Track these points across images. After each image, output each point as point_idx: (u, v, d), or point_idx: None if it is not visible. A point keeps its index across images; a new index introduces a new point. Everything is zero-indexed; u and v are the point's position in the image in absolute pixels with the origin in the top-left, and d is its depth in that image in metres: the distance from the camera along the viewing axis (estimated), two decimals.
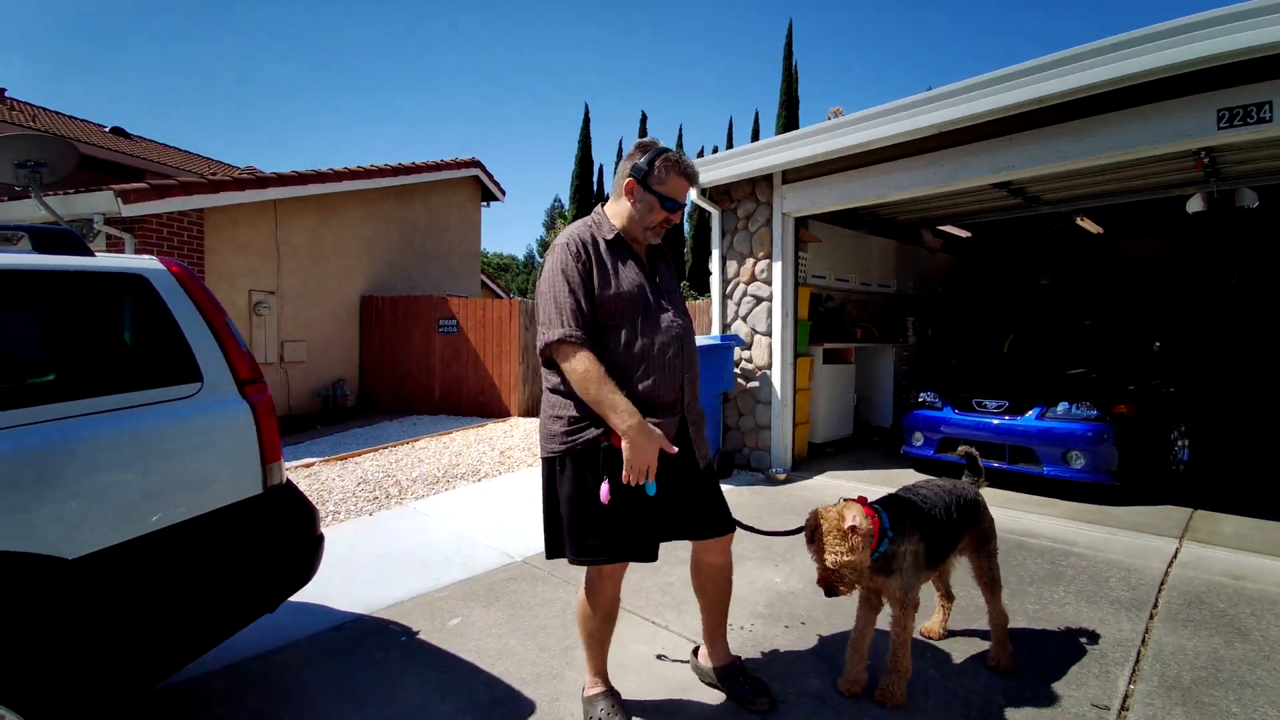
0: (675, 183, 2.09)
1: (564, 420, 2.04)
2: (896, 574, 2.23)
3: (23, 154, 6.41)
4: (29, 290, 1.82)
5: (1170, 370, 5.93)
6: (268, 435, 2.14)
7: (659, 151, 2.08)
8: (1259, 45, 3.29)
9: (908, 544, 2.24)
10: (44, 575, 1.64)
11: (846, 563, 2.05)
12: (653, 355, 2.04)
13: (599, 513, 1.98)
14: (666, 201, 2.08)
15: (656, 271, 2.21)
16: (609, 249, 2.08)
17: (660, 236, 2.16)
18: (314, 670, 2.62)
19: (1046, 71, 3.89)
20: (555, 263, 2.03)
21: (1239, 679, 2.46)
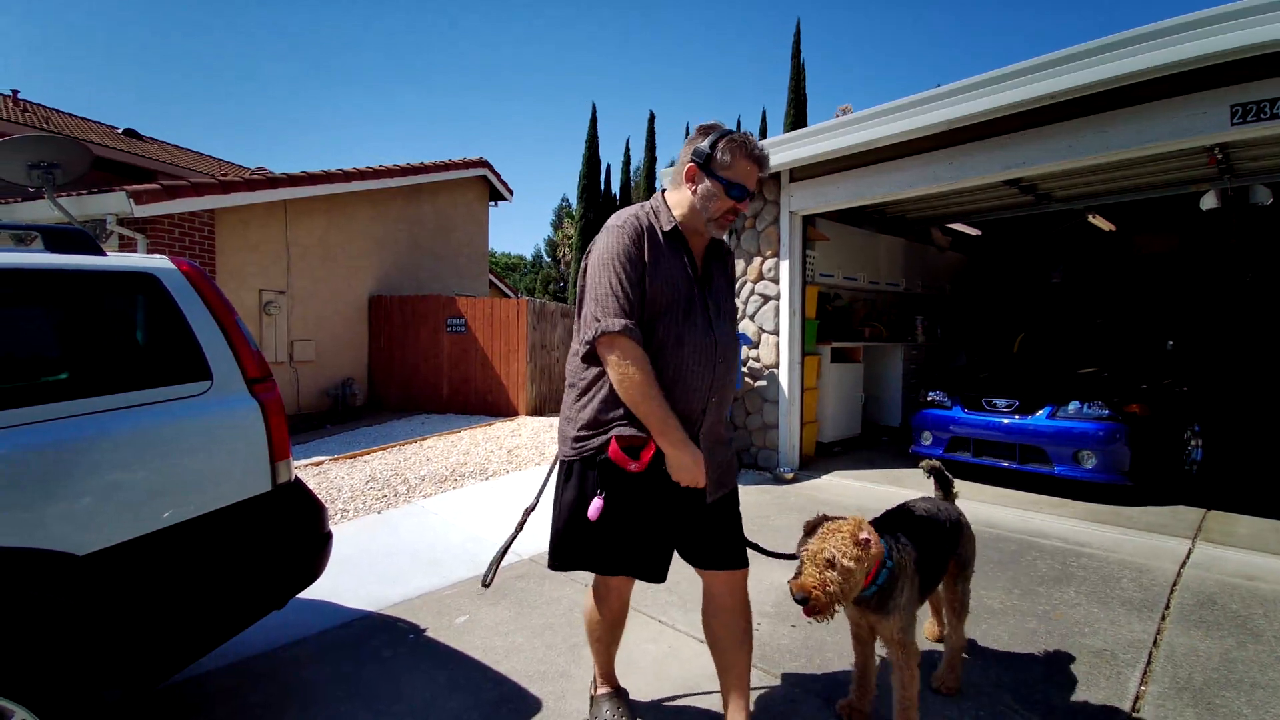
0: (742, 167, 1.86)
1: (577, 425, 1.91)
2: (895, 613, 1.96)
3: (36, 155, 6.49)
4: (43, 289, 1.84)
5: (1183, 369, 5.87)
6: (276, 433, 2.16)
7: (723, 133, 1.87)
8: (1273, 40, 3.25)
9: (904, 577, 2.00)
10: (55, 571, 1.66)
11: (846, 570, 1.75)
12: (678, 365, 1.85)
13: (588, 526, 1.85)
14: (732, 188, 1.85)
15: (710, 275, 2.00)
16: (665, 240, 1.89)
17: (725, 229, 1.94)
18: (321, 667, 2.64)
19: (1059, 67, 3.86)
20: (611, 246, 1.82)
21: (1251, 680, 2.43)
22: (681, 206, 1.92)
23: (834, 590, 1.74)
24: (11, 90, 13.99)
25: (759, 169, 1.90)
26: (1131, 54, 3.61)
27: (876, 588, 1.93)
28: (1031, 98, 3.97)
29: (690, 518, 1.94)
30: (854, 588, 1.81)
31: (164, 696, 2.40)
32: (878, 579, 1.92)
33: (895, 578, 1.95)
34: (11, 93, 13.99)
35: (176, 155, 15.75)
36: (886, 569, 1.93)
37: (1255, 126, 3.63)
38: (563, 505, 1.95)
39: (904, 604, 1.97)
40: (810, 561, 1.77)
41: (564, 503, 1.94)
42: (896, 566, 1.96)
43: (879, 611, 1.97)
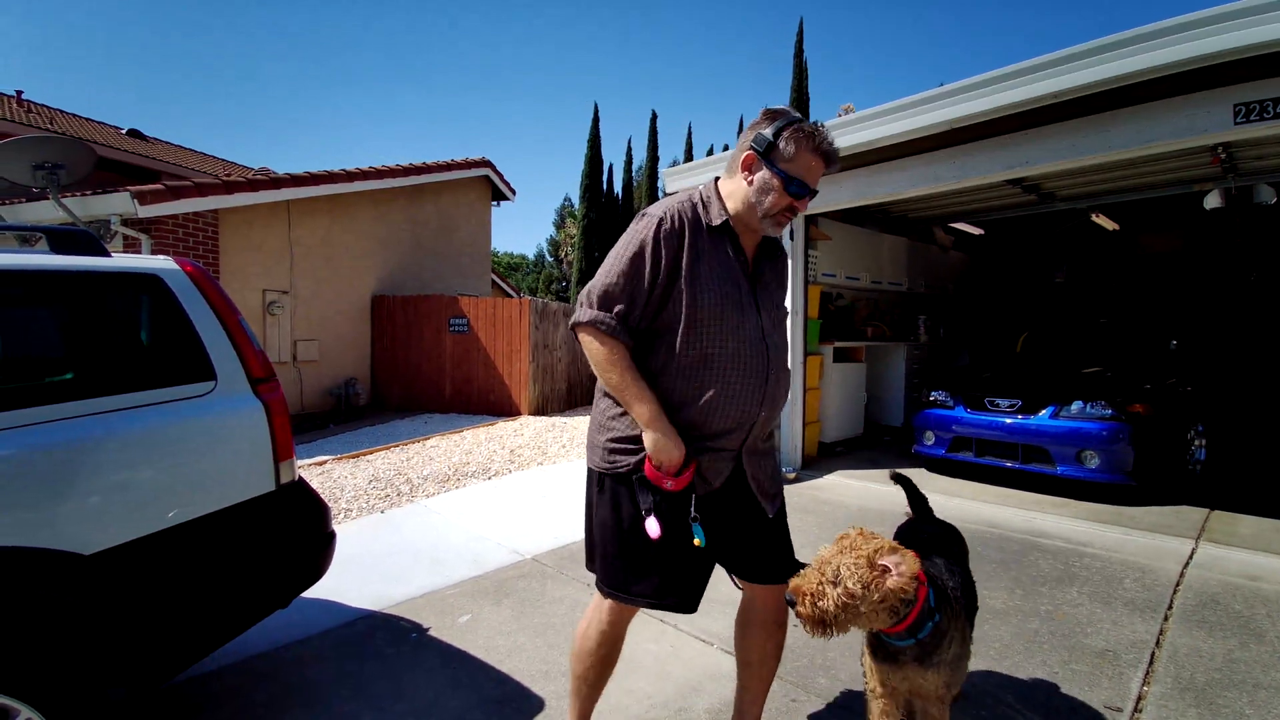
0: (805, 161, 1.65)
1: (611, 434, 1.74)
2: (940, 668, 1.61)
3: (41, 156, 6.51)
4: (47, 290, 1.85)
5: (1187, 369, 5.86)
6: (280, 433, 2.17)
7: (790, 120, 1.66)
8: (1275, 40, 3.24)
9: (955, 627, 1.63)
10: (61, 571, 1.67)
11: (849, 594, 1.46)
12: (726, 377, 1.67)
13: (637, 548, 1.68)
14: (792, 184, 1.65)
15: (760, 276, 1.80)
16: (710, 237, 1.71)
17: (781, 228, 1.73)
18: (325, 666, 2.65)
19: (1061, 66, 3.85)
20: (636, 235, 1.67)
21: (1254, 680, 2.43)
22: (735, 198, 1.72)
23: (827, 608, 1.47)
24: (16, 91, 14.05)
25: (825, 165, 1.69)
26: (1134, 53, 3.60)
27: (916, 641, 1.57)
28: (1034, 97, 3.96)
29: (746, 533, 1.79)
30: (853, 617, 1.49)
31: (168, 695, 2.42)
32: (919, 629, 1.56)
33: (940, 630, 1.59)
34: (16, 93, 14.05)
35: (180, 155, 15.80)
36: (932, 621, 1.57)
37: (1258, 126, 3.62)
38: (596, 522, 1.78)
39: (950, 659, 1.61)
40: (816, 568, 1.54)
41: (598, 520, 1.78)
42: (945, 618, 1.59)
43: (922, 665, 1.61)
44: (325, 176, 9.25)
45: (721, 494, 1.74)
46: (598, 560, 1.80)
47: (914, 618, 1.53)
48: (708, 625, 2.88)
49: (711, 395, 1.66)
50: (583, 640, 1.86)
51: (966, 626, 1.69)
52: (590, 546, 1.84)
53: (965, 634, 1.68)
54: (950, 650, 1.61)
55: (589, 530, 1.84)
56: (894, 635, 1.58)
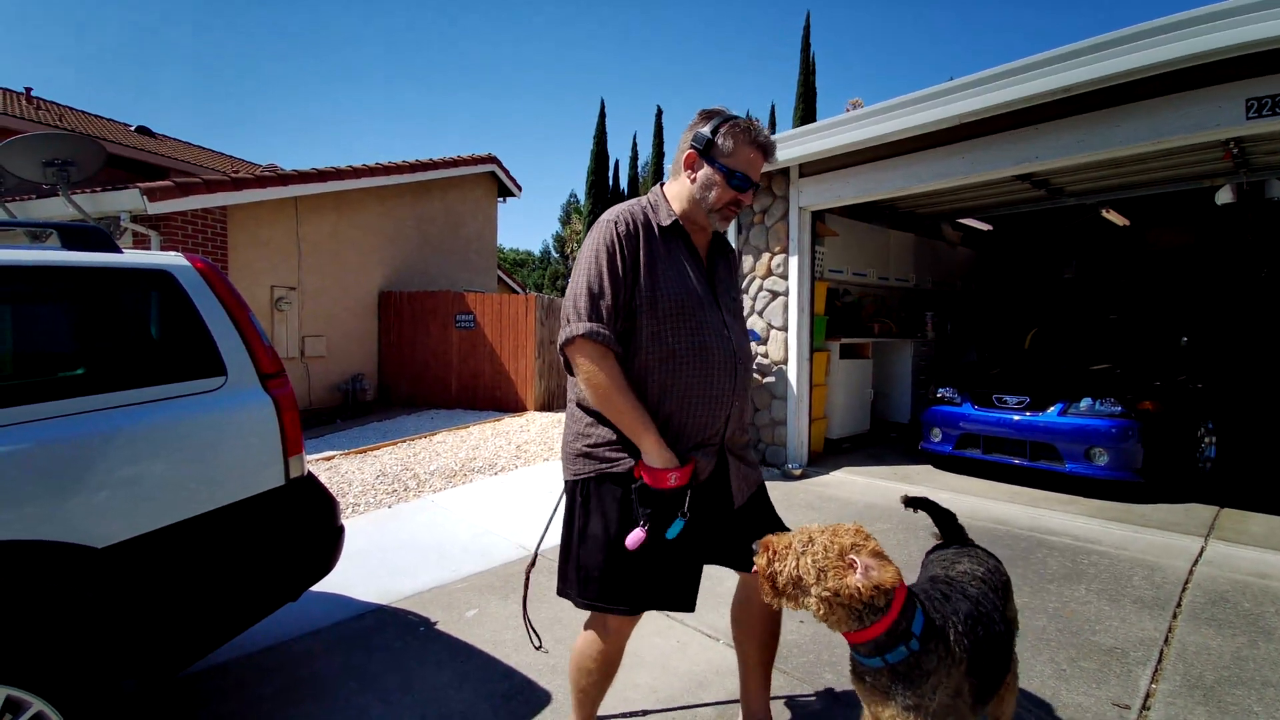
0: (745, 154, 1.71)
1: (593, 441, 1.72)
2: (917, 712, 1.39)
3: (51, 153, 6.56)
4: (60, 286, 1.87)
5: (1197, 366, 5.82)
6: (290, 428, 2.18)
7: (726, 118, 1.73)
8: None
9: (944, 670, 1.41)
10: (74, 564, 1.69)
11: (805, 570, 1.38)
12: (700, 374, 1.70)
13: (623, 557, 1.67)
14: (734, 178, 1.71)
15: (715, 272, 1.84)
16: (663, 237, 1.74)
17: (728, 222, 1.80)
18: (334, 658, 2.67)
19: (1073, 60, 3.82)
20: (597, 242, 1.68)
21: (1263, 678, 2.42)
22: (681, 198, 1.78)
23: (778, 570, 1.41)
24: (25, 88, 14.14)
25: (764, 157, 1.76)
26: (1146, 47, 3.57)
27: (884, 663, 1.41)
28: (1046, 91, 3.93)
29: (723, 526, 1.80)
30: (801, 594, 1.40)
31: (179, 688, 2.44)
32: (886, 651, 1.40)
33: (919, 663, 1.40)
34: (25, 90, 14.14)
35: (188, 152, 15.87)
36: (905, 646, 1.40)
37: (1271, 120, 3.58)
38: (579, 534, 1.74)
39: (935, 710, 1.40)
40: (797, 533, 1.45)
41: (580, 531, 1.74)
42: (925, 649, 1.40)
43: (889, 698, 1.42)
44: (333, 173, 9.28)
45: (706, 488, 1.75)
46: (587, 579, 1.72)
47: (881, 630, 1.39)
48: (714, 621, 2.89)
49: (688, 392, 1.70)
50: (581, 659, 1.85)
51: (965, 683, 1.45)
52: (575, 568, 1.75)
53: (963, 690, 1.45)
54: (933, 698, 1.40)
55: (571, 552, 1.76)
56: (860, 648, 1.45)
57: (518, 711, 2.31)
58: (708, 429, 1.74)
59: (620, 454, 1.70)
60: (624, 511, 1.68)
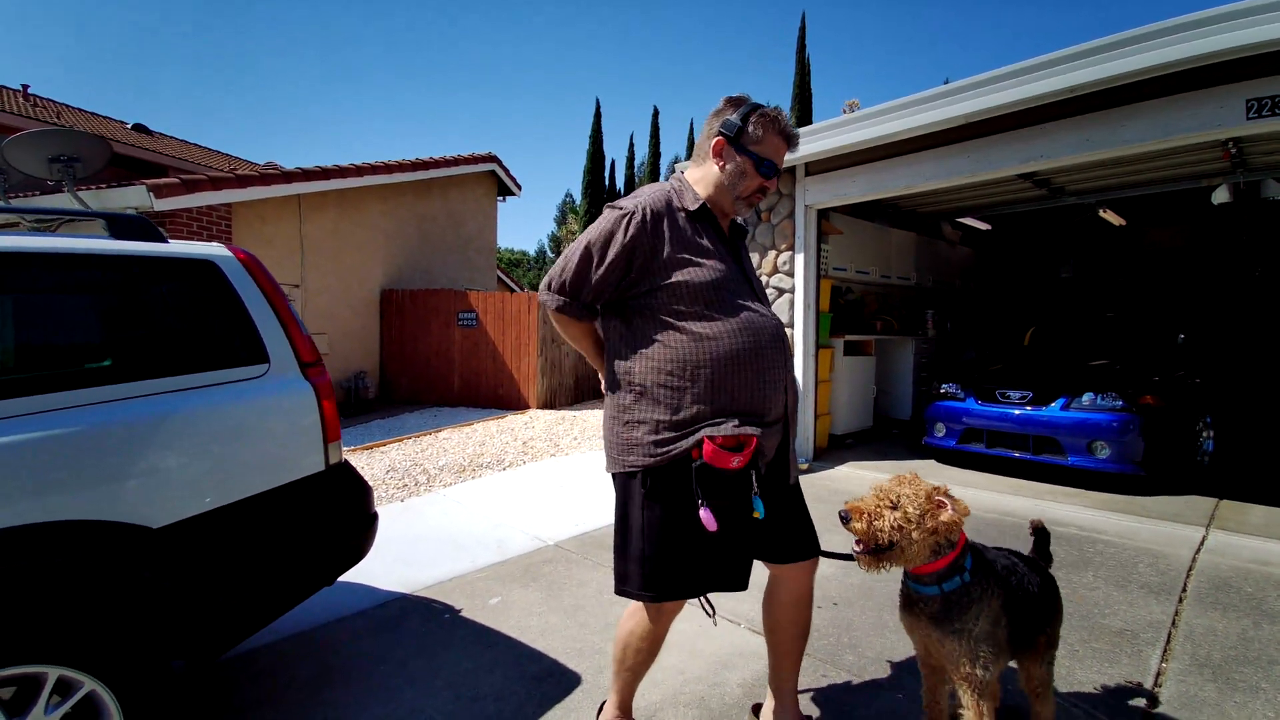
0: (772, 142, 1.77)
1: (649, 427, 1.69)
2: (960, 637, 1.60)
3: (57, 149, 6.54)
4: (113, 273, 1.91)
5: (1195, 362, 5.93)
6: (329, 415, 2.24)
7: (754, 106, 1.77)
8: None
9: (986, 601, 1.64)
10: (133, 544, 1.74)
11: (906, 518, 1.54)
12: (745, 356, 1.69)
13: (695, 542, 1.66)
14: (763, 165, 1.76)
15: (740, 254, 1.87)
16: (689, 221, 1.75)
17: (752, 208, 1.85)
18: (363, 644, 2.72)
19: (1077, 61, 3.91)
20: (602, 225, 1.71)
21: (1269, 657, 2.51)
22: (707, 184, 1.81)
23: (881, 528, 1.55)
24: (21, 85, 14.06)
25: (788, 146, 1.81)
26: (1149, 49, 3.66)
27: (940, 591, 1.62)
28: (1050, 91, 4.02)
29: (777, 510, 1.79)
30: (908, 544, 1.55)
31: (216, 671, 2.49)
32: (945, 580, 1.61)
33: (968, 592, 1.61)
34: (22, 88, 14.07)
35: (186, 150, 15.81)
36: (960, 577, 1.62)
37: (1270, 121, 3.68)
38: (645, 524, 1.70)
39: (978, 634, 1.61)
40: (875, 493, 1.62)
41: (647, 521, 1.70)
42: (975, 581, 1.63)
43: (937, 625, 1.63)
44: (335, 171, 9.31)
45: (770, 466, 1.76)
46: (643, 567, 1.72)
47: (948, 562, 1.61)
48: (734, 606, 2.95)
49: (745, 370, 1.69)
50: (628, 638, 1.86)
51: (1002, 616, 1.65)
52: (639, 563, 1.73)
53: (999, 619, 1.64)
54: (977, 624, 1.60)
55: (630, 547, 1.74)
56: (922, 578, 1.65)
57: (550, 693, 2.36)
58: (773, 407, 1.74)
59: (676, 438, 1.67)
60: (685, 497, 1.65)
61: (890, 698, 2.30)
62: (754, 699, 2.26)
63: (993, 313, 10.15)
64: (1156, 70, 3.73)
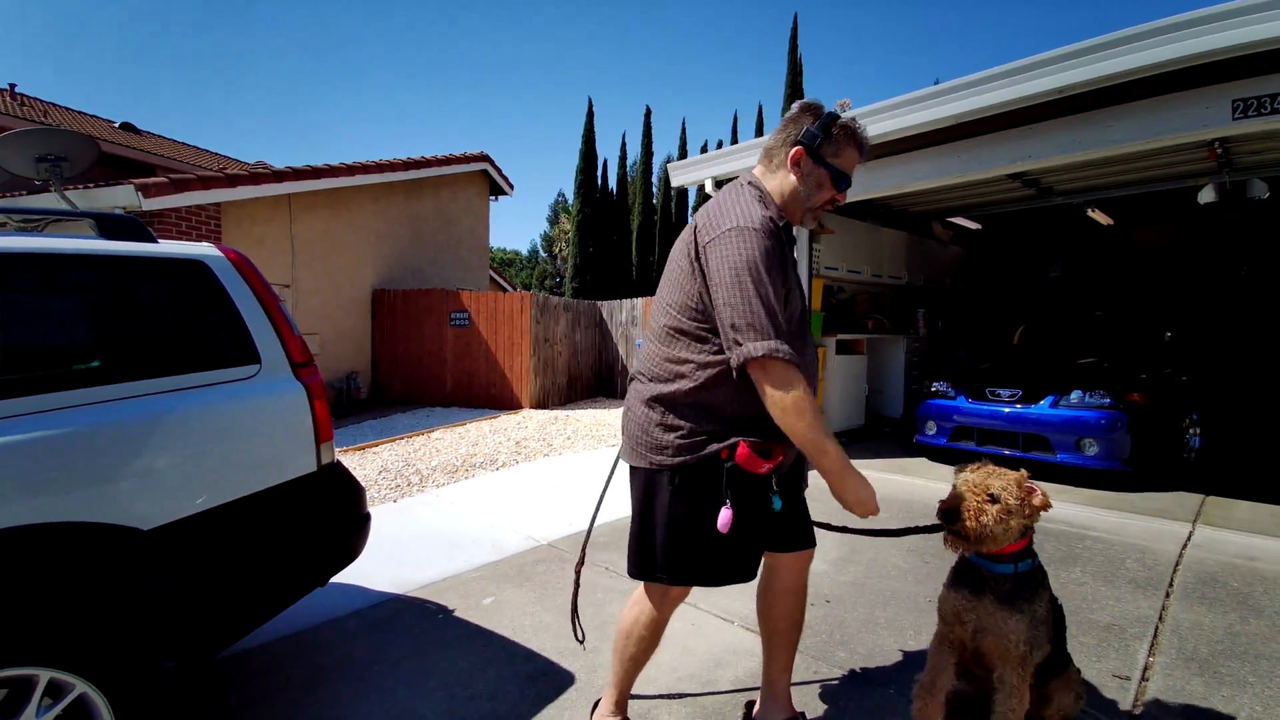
0: (849, 155, 1.72)
1: (680, 431, 1.70)
2: (1026, 617, 1.66)
3: (44, 148, 6.48)
4: (102, 274, 1.90)
5: (1181, 360, 6.00)
6: (321, 415, 2.23)
7: (833, 116, 1.69)
8: (1275, 37, 3.34)
9: (1046, 586, 1.77)
10: (123, 545, 1.72)
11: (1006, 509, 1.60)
12: (807, 365, 1.68)
13: (713, 536, 1.69)
14: (840, 179, 1.71)
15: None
16: (785, 236, 1.71)
17: (816, 221, 1.82)
18: (357, 644, 2.71)
19: (1067, 62, 3.94)
20: (750, 247, 1.56)
21: (1255, 652, 2.54)
22: (783, 194, 1.74)
23: (986, 523, 1.59)
24: (9, 84, 13.92)
25: (860, 156, 1.75)
26: (1138, 49, 3.69)
27: (1015, 570, 1.69)
28: (1040, 92, 4.05)
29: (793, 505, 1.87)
30: (1005, 535, 1.62)
31: (209, 672, 2.47)
32: (1020, 562, 1.69)
33: (1035, 575, 1.72)
34: (9, 86, 13.92)
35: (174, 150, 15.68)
36: (1032, 559, 1.72)
37: (1255, 121, 3.73)
38: (669, 518, 1.74)
39: (1040, 616, 1.70)
40: (969, 489, 1.65)
41: (671, 516, 1.74)
42: (1039, 565, 1.74)
43: (1005, 605, 1.67)
44: (326, 170, 9.26)
45: (790, 470, 1.84)
46: (662, 554, 1.76)
47: (1026, 543, 1.70)
48: (727, 605, 2.97)
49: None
50: (632, 627, 1.90)
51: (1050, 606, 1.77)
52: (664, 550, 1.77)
53: (1049, 607, 1.75)
54: (1039, 608, 1.69)
55: (654, 536, 1.78)
56: (997, 559, 1.70)
57: (543, 692, 2.36)
58: None
59: (706, 441, 1.69)
60: (713, 495, 1.68)
61: (882, 694, 2.32)
62: (747, 696, 2.27)
63: (983, 312, 10.22)
64: (1144, 71, 3.77)
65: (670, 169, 6.54)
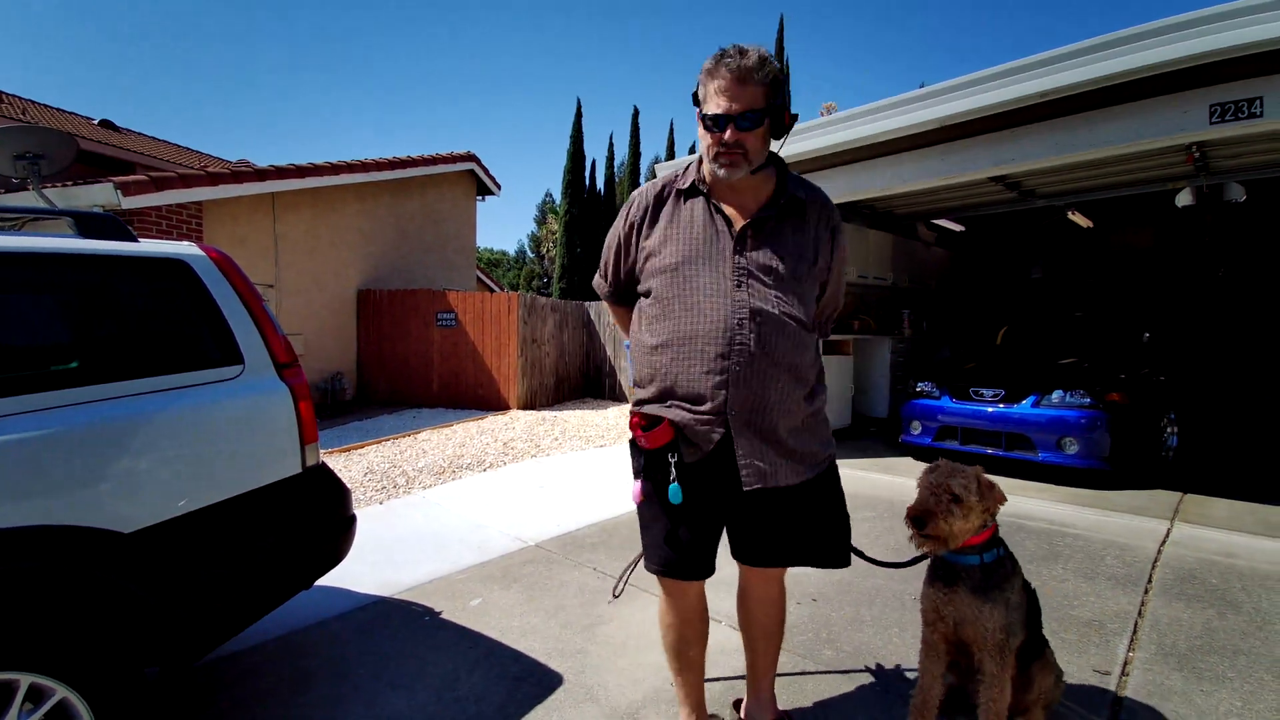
0: (710, 93, 1.58)
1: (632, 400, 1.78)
2: (998, 604, 1.72)
3: (22, 146, 6.37)
4: (80, 273, 1.87)
5: (1159, 360, 6.10)
6: (305, 416, 2.21)
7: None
8: (1251, 43, 3.42)
9: (1017, 574, 1.82)
10: (102, 549, 1.70)
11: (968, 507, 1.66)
12: (676, 333, 1.66)
13: (658, 519, 1.73)
14: (708, 121, 1.59)
15: (762, 232, 1.68)
16: (678, 198, 1.73)
17: (730, 168, 1.62)
18: (343, 647, 2.69)
19: (1049, 67, 4.01)
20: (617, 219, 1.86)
21: (1233, 647, 2.59)
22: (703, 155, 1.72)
23: (954, 525, 1.66)
24: None
25: (736, 82, 1.54)
26: (1117, 55, 3.76)
27: (981, 562, 1.75)
28: (1021, 96, 4.11)
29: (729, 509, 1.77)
30: (970, 529, 1.69)
31: (194, 676, 2.44)
32: (985, 553, 1.75)
33: (1003, 564, 1.77)
34: None
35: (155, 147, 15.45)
36: (998, 549, 1.78)
37: (1232, 125, 3.80)
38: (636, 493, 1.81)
39: (1014, 602, 1.75)
40: (931, 491, 1.70)
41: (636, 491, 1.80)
42: (1007, 554, 1.80)
43: (978, 595, 1.73)
44: (310, 169, 9.17)
45: (710, 463, 1.69)
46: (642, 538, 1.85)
47: (990, 533, 1.77)
48: (717, 605, 2.94)
49: (673, 348, 1.67)
50: (659, 616, 1.94)
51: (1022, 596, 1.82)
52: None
53: (1022, 593, 1.81)
54: (1014, 593, 1.75)
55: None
56: (964, 552, 1.76)
57: (530, 693, 2.36)
58: (693, 393, 1.66)
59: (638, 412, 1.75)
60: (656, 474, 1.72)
61: (868, 691, 2.34)
62: (735, 694, 2.28)
63: (966, 312, 10.32)
64: (1124, 76, 3.83)
65: (658, 169, 6.55)
